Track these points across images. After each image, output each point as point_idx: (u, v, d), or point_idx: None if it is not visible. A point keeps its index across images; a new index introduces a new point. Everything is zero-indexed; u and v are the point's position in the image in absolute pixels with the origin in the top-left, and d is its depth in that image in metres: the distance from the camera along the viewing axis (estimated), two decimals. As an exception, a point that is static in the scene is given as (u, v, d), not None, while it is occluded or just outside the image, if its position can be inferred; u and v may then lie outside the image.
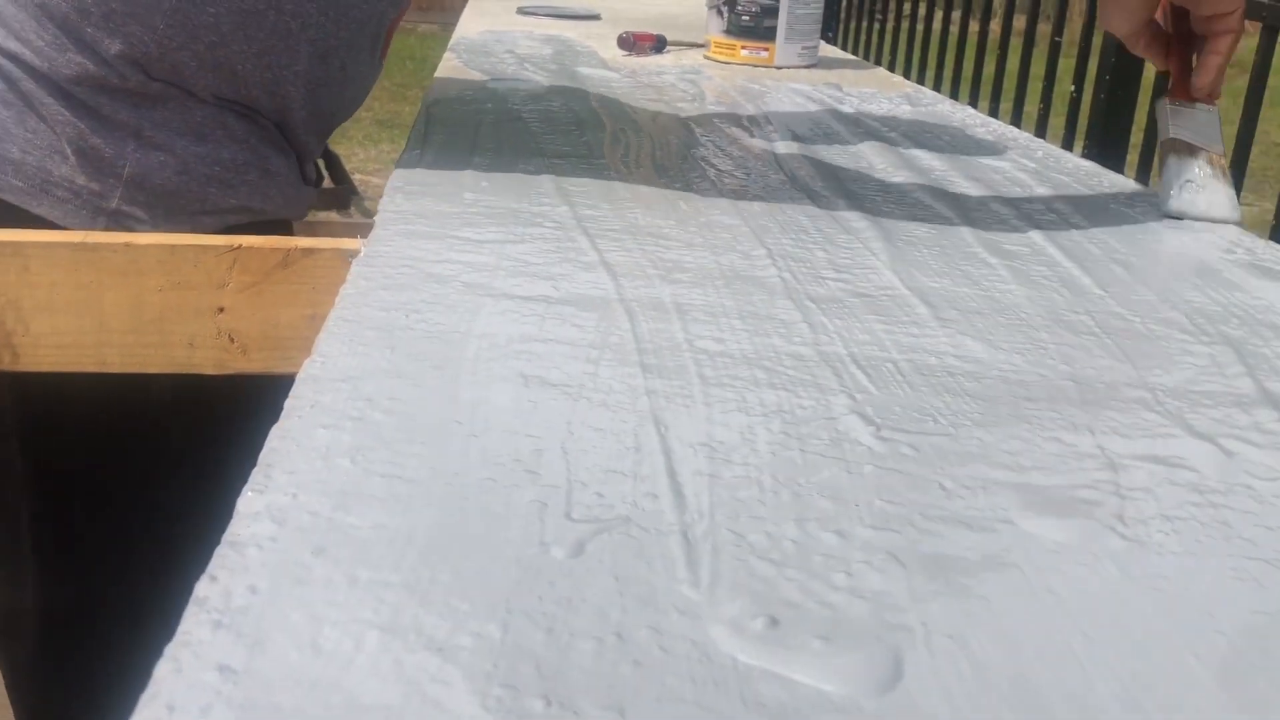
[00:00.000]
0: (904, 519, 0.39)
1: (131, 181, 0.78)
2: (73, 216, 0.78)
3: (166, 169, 0.78)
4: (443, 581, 0.34)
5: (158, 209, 0.79)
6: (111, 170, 0.77)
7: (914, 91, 1.36)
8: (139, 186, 0.78)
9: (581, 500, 0.39)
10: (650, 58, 1.48)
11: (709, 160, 0.92)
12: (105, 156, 0.77)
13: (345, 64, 0.88)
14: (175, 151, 0.79)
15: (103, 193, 0.77)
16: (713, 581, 0.35)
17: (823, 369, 0.52)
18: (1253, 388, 0.52)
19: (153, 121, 0.77)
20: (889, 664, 0.32)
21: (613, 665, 0.31)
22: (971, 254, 0.71)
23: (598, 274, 0.63)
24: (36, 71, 0.75)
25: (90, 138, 0.76)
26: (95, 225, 0.78)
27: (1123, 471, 0.44)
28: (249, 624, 0.31)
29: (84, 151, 0.76)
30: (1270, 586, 0.36)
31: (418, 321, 0.54)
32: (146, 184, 0.78)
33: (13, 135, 0.76)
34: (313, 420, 0.43)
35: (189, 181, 0.79)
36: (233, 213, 0.83)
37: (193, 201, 0.80)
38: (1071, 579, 0.36)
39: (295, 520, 0.37)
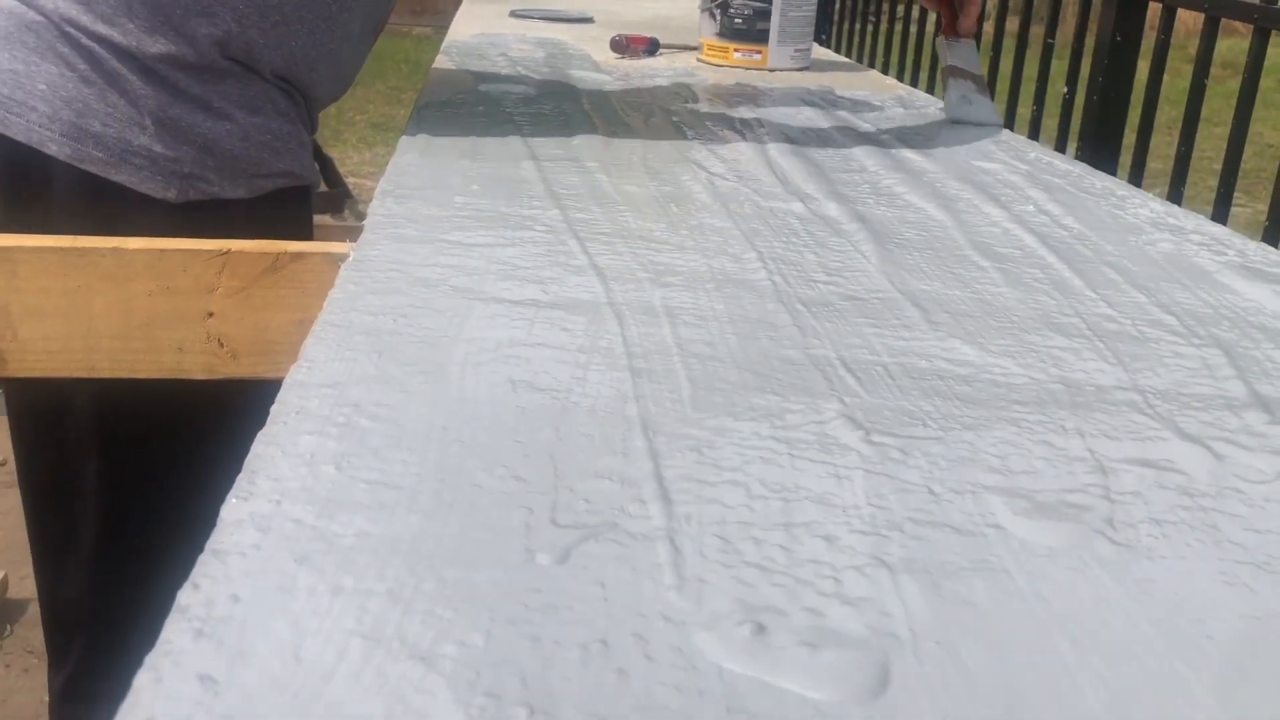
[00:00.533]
0: (892, 524, 0.39)
1: (204, 148, 0.85)
2: (150, 181, 0.84)
3: (232, 137, 0.86)
4: (427, 590, 0.34)
5: (225, 172, 0.86)
6: (187, 138, 0.84)
7: (906, 94, 1.36)
8: (209, 152, 0.85)
9: (568, 506, 0.39)
10: (643, 60, 1.48)
11: (701, 163, 0.92)
12: (182, 126, 0.84)
13: (359, 45, 0.98)
14: (238, 121, 0.86)
15: (179, 159, 0.85)
16: (699, 588, 0.35)
17: (812, 373, 0.52)
18: (1243, 390, 0.52)
19: (219, 94, 0.85)
20: (876, 671, 0.31)
21: (597, 674, 0.31)
22: (963, 256, 0.70)
23: (588, 277, 0.63)
24: (123, 51, 0.82)
25: (169, 109, 0.84)
26: (170, 189, 0.85)
27: (1112, 475, 0.44)
28: (231, 633, 0.31)
29: (163, 122, 0.84)
30: (1260, 591, 0.36)
31: (405, 326, 0.54)
32: (215, 149, 0.85)
33: (94, 111, 0.82)
34: (298, 427, 0.43)
35: (249, 147, 0.87)
36: (281, 176, 0.91)
37: (251, 165, 0.88)
38: (1061, 585, 0.36)
39: (279, 528, 0.36)
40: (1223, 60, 3.31)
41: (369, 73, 6.87)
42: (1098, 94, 1.40)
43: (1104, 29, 1.39)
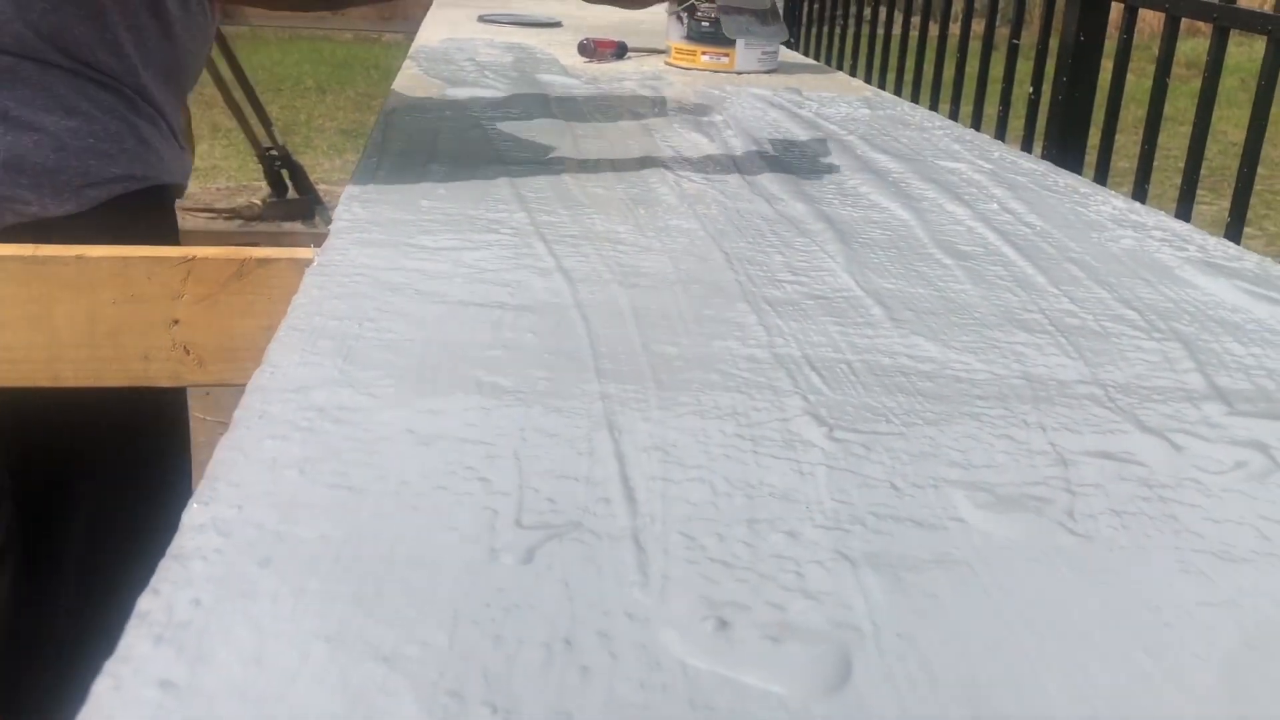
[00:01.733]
0: (855, 518, 0.39)
1: (9, 165, 0.76)
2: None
3: (42, 148, 0.78)
4: (390, 592, 0.34)
5: (43, 188, 0.78)
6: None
7: (873, 95, 1.36)
8: (18, 170, 0.77)
9: (533, 507, 0.39)
10: (611, 64, 1.48)
11: (668, 165, 0.92)
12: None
13: (173, 18, 0.87)
14: (47, 129, 0.78)
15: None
16: (663, 585, 0.35)
17: (777, 371, 0.52)
18: (1202, 383, 0.53)
19: (17, 100, 0.77)
20: (838, 664, 0.32)
21: (560, 672, 0.31)
22: (927, 255, 0.71)
23: (554, 280, 0.63)
24: None
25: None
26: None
27: (1073, 467, 0.44)
28: (191, 638, 0.31)
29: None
30: (1217, 578, 0.37)
31: (370, 330, 0.53)
32: (25, 165, 0.77)
33: None
34: (261, 431, 0.43)
35: (67, 157, 0.79)
36: (117, 182, 0.82)
37: (75, 176, 0.79)
38: (1021, 576, 0.37)
39: (241, 532, 0.36)
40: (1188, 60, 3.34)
41: (338, 80, 6.85)
42: (1063, 94, 1.41)
43: (1068, 30, 1.41)
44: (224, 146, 4.76)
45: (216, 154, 4.70)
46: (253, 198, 3.84)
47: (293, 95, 5.97)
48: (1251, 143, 1.10)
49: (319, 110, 5.69)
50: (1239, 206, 1.12)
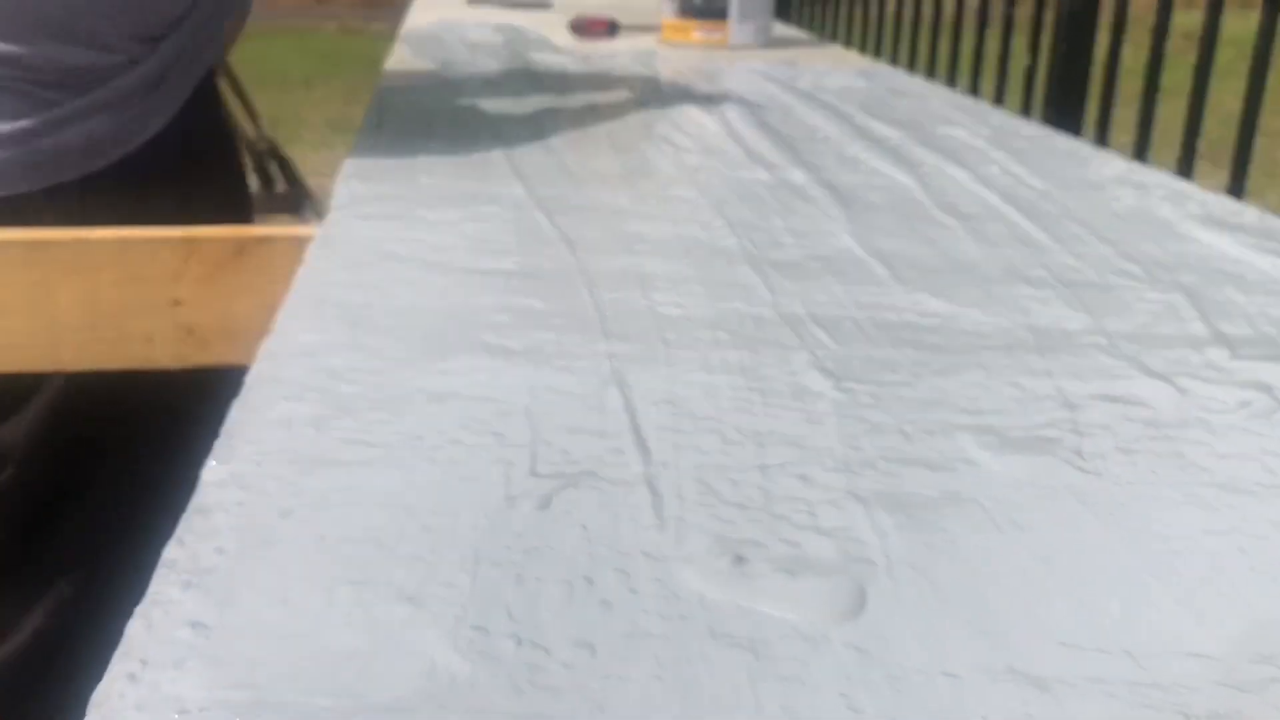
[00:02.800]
0: (865, 463, 0.40)
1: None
2: None
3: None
4: (411, 537, 0.34)
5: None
6: None
7: (869, 67, 1.37)
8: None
9: (547, 458, 0.39)
10: (603, 42, 1.48)
11: (666, 138, 0.92)
12: None
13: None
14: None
15: None
16: (679, 527, 0.35)
17: (783, 329, 0.52)
18: (1205, 330, 0.53)
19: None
20: (853, 594, 0.32)
21: (582, 606, 0.31)
22: (928, 216, 0.71)
23: (557, 248, 0.63)
24: None
25: None
26: None
27: (1080, 410, 0.44)
28: (218, 583, 0.32)
29: None
30: (1221, 509, 0.37)
31: (377, 298, 0.54)
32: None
33: None
34: (274, 393, 0.43)
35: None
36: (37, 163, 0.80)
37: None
38: (1031, 511, 0.37)
39: (260, 485, 0.37)
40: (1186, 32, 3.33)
41: (325, 73, 6.81)
42: (1059, 66, 1.41)
43: (1063, 1, 1.41)
44: (217, 142, 4.75)
45: (210, 150, 4.68)
46: (247, 192, 3.83)
47: (279, 89, 5.96)
48: (1249, 111, 1.10)
49: (306, 103, 5.68)
50: (1239, 172, 1.13)
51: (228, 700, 0.27)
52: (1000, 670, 0.29)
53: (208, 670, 0.28)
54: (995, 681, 0.29)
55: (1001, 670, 0.29)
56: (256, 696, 0.27)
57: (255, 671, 0.28)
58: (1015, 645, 0.30)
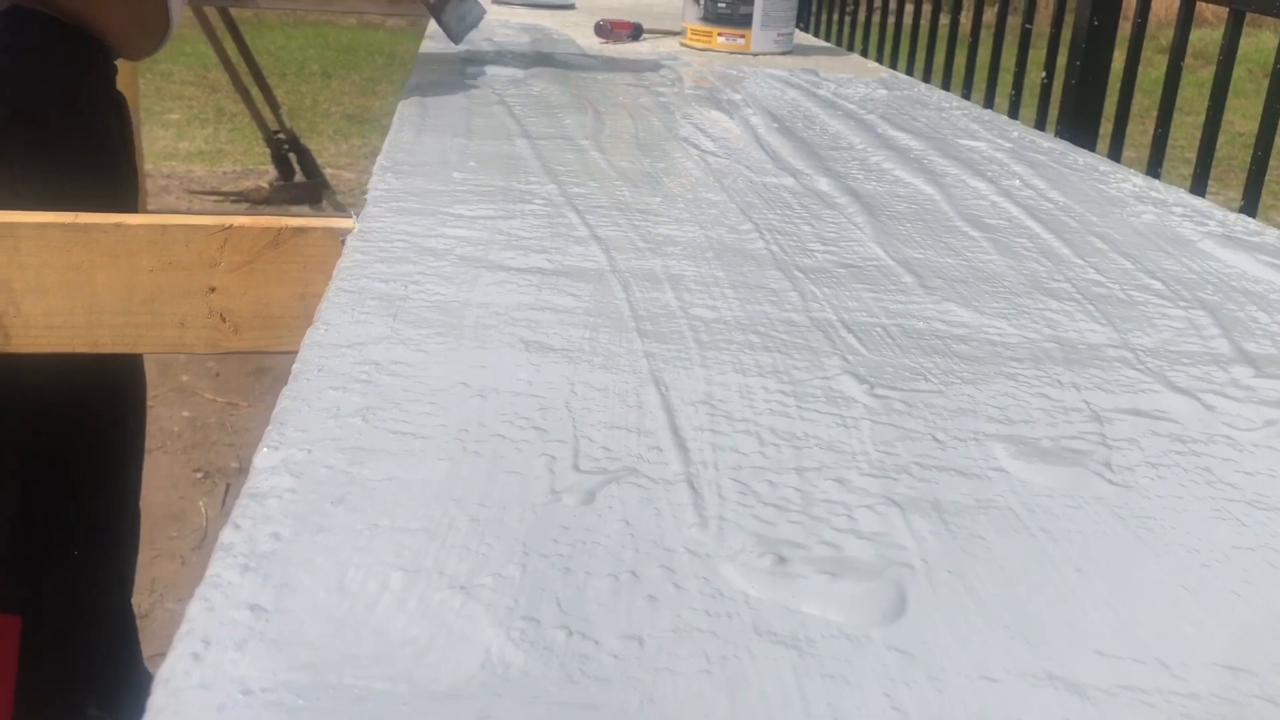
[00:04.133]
0: (900, 468, 0.41)
1: None
2: None
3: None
4: (461, 527, 0.35)
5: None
6: None
7: (889, 76, 1.37)
8: None
9: (589, 454, 0.40)
10: (627, 45, 1.49)
11: (691, 141, 0.93)
12: None
13: None
14: None
15: None
16: (720, 525, 0.36)
17: (814, 333, 0.53)
18: (1229, 348, 0.54)
19: None
20: (893, 597, 0.33)
21: (629, 600, 0.32)
22: (953, 227, 0.72)
23: (590, 247, 0.64)
24: None
25: None
26: None
27: (1108, 424, 0.45)
28: (275, 567, 0.32)
29: None
30: (1251, 525, 0.38)
31: (416, 292, 0.55)
32: None
33: None
34: (321, 383, 0.44)
35: None
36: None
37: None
38: (1063, 520, 0.38)
39: (312, 474, 0.37)
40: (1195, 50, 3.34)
41: (344, 65, 6.82)
42: (1075, 79, 1.42)
43: (1080, 14, 1.41)
44: (230, 130, 4.77)
45: (223, 138, 4.70)
46: (259, 181, 3.85)
47: (298, 80, 5.97)
48: (1265, 130, 1.10)
49: (324, 95, 5.69)
50: (1252, 194, 1.13)
51: (288, 681, 0.28)
52: (1039, 675, 0.30)
53: (268, 652, 0.29)
54: (1035, 687, 0.29)
55: (1040, 675, 0.30)
56: (316, 679, 0.28)
57: (314, 654, 0.29)
58: (1053, 651, 0.31)
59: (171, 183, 4.05)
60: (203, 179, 4.10)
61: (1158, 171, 1.26)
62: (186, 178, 4.11)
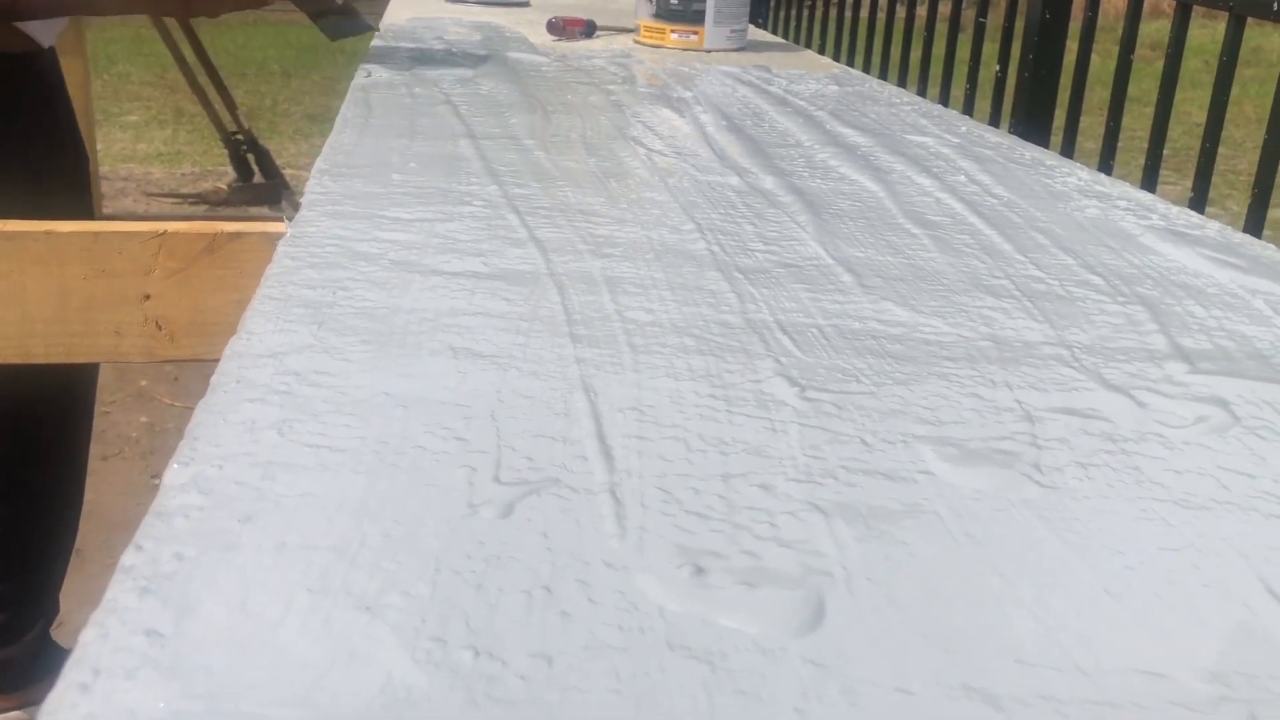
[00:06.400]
0: (826, 472, 0.40)
1: None
2: None
3: None
4: (371, 544, 0.34)
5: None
6: None
7: (841, 72, 1.37)
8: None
9: (510, 464, 0.40)
10: (580, 43, 1.48)
11: (639, 140, 0.92)
12: None
13: None
14: None
15: None
16: (640, 536, 0.36)
17: (750, 335, 0.53)
18: (1165, 343, 0.54)
19: None
20: (812, 606, 0.32)
21: (541, 617, 0.31)
22: (895, 225, 0.72)
23: (528, 250, 0.63)
24: None
25: None
26: None
27: (1039, 423, 0.45)
28: (176, 589, 0.31)
29: None
30: (1177, 524, 0.38)
31: (344, 298, 0.54)
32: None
33: None
34: (238, 395, 0.43)
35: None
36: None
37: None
38: (989, 525, 0.37)
39: (222, 490, 0.36)
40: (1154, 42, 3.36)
41: (304, 64, 6.76)
42: (1029, 73, 1.42)
43: (1033, 8, 1.42)
44: (188, 132, 4.72)
45: (181, 139, 4.65)
46: (218, 183, 3.81)
47: (258, 80, 5.92)
48: (1213, 122, 1.11)
49: (284, 95, 5.64)
50: (1202, 183, 1.14)
51: (181, 710, 0.27)
52: (956, 687, 0.29)
53: (161, 680, 0.28)
54: (951, 699, 0.29)
55: (957, 687, 0.29)
56: (210, 706, 0.27)
57: (210, 681, 0.28)
58: (972, 661, 0.30)
59: (129, 185, 4.00)
60: (161, 181, 4.05)
61: (1110, 164, 1.27)
62: (144, 180, 4.07)
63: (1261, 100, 4.96)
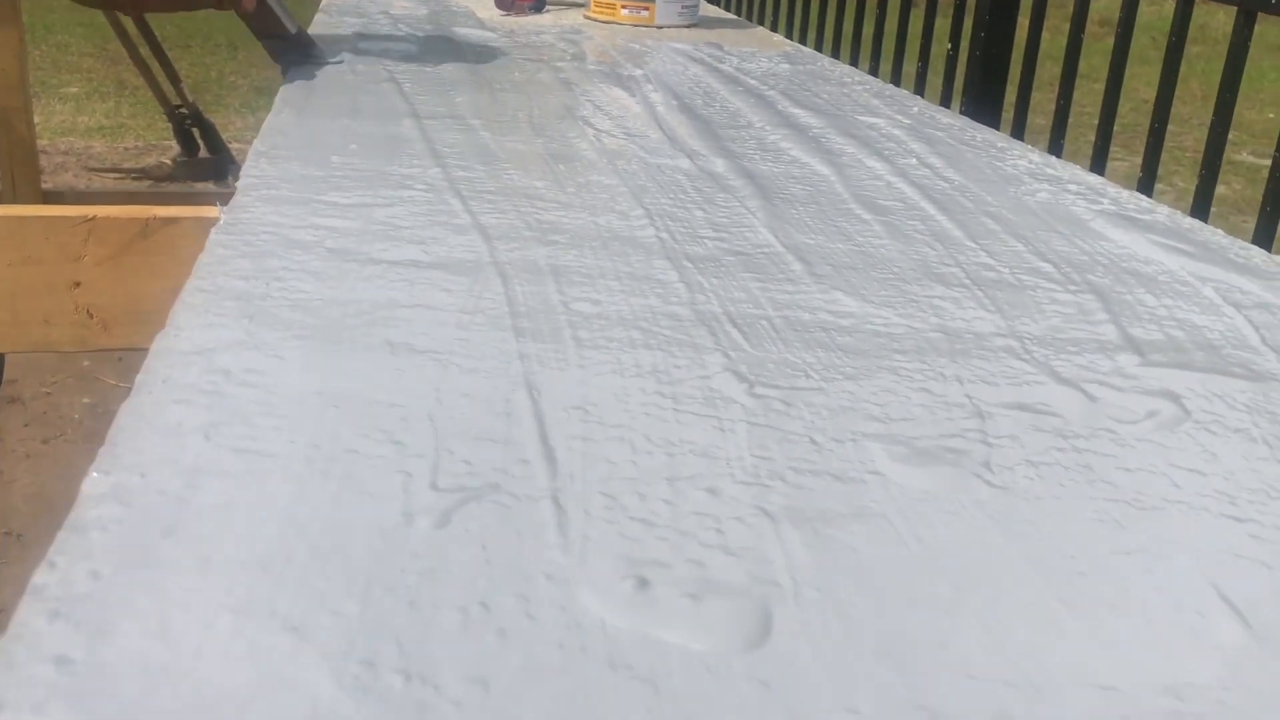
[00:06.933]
0: (774, 474, 0.39)
1: None
2: None
3: None
4: (299, 559, 0.33)
5: None
6: None
7: (793, 50, 1.36)
8: None
9: (449, 469, 0.38)
10: (529, 18, 1.46)
11: (588, 120, 0.91)
12: None
13: None
14: None
15: None
16: (583, 545, 0.34)
17: (699, 328, 0.51)
18: (1116, 334, 0.54)
19: None
20: (758, 619, 0.31)
21: (478, 636, 0.30)
22: (847, 210, 0.71)
23: (470, 237, 0.61)
24: None
25: None
26: None
27: (989, 420, 0.44)
28: (90, 612, 0.30)
29: None
30: (1129, 527, 0.37)
31: (278, 290, 0.52)
32: None
33: None
34: (164, 396, 0.41)
35: None
36: None
37: None
38: (938, 529, 0.37)
39: (143, 501, 0.35)
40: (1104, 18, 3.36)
41: (250, 36, 6.65)
42: (980, 50, 1.42)
43: (984, -16, 1.41)
44: (131, 104, 4.61)
45: (124, 112, 4.55)
46: (162, 157, 3.73)
47: (203, 52, 5.80)
48: (1162, 102, 1.11)
49: (230, 67, 5.53)
50: (1151, 162, 1.14)
51: (94, 743, 0.26)
52: (905, 706, 0.28)
53: (70, 714, 0.26)
54: (900, 719, 0.28)
55: (907, 706, 0.28)
56: (126, 738, 0.26)
57: (123, 712, 0.27)
58: (922, 678, 0.30)
59: (69, 160, 3.91)
60: (103, 155, 3.96)
61: (1061, 142, 1.27)
62: (85, 154, 3.97)
63: (1206, 78, 5.01)
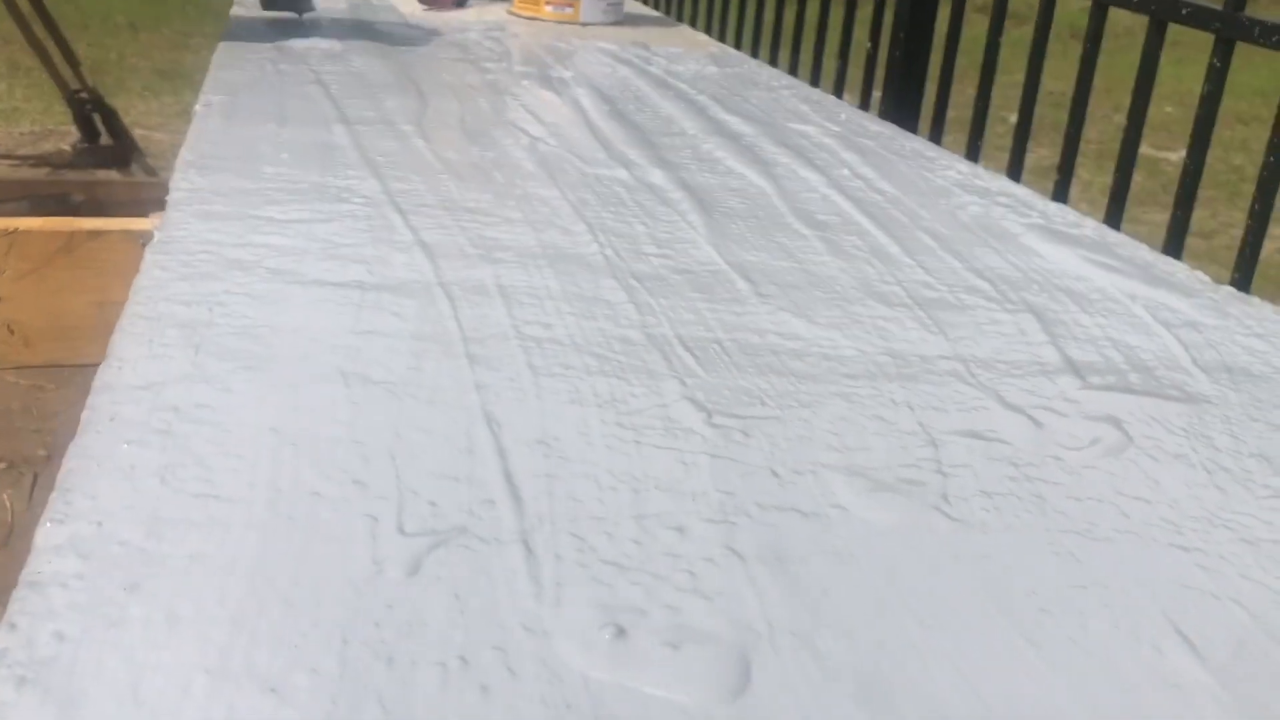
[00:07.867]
0: (739, 509, 0.40)
1: None
2: None
3: None
4: (271, 614, 0.32)
5: None
6: None
7: (720, 51, 1.36)
8: None
9: (415, 511, 0.38)
10: (452, 13, 1.44)
11: (520, 125, 0.90)
12: None
13: None
14: None
15: None
16: (557, 592, 0.34)
17: (652, 353, 0.51)
18: (1056, 356, 0.55)
19: None
20: (737, 668, 0.32)
21: (459, 693, 0.30)
22: (785, 225, 0.71)
23: (414, 255, 0.61)
24: None
25: None
26: None
27: (942, 448, 0.45)
28: (58, 677, 0.29)
29: None
30: (1084, 559, 0.38)
31: (222, 316, 0.51)
32: None
33: None
34: (114, 435, 0.40)
35: None
36: None
37: None
38: (902, 563, 0.37)
39: (103, 552, 0.34)
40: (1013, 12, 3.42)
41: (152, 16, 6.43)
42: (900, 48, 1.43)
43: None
44: (26, 87, 4.44)
45: (18, 95, 4.38)
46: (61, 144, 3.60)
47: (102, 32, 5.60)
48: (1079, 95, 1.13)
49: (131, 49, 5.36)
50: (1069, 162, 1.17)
51: (74, 823, 0.25)
52: (886, 754, 0.29)
53: (51, 791, 0.26)
54: (882, 766, 0.29)
55: (887, 754, 0.29)
56: (107, 816, 0.25)
57: (105, 787, 0.26)
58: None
59: (-39, 144, 3.75)
60: (-3, 140, 3.81)
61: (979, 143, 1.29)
62: (-22, 139, 3.81)
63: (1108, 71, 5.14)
